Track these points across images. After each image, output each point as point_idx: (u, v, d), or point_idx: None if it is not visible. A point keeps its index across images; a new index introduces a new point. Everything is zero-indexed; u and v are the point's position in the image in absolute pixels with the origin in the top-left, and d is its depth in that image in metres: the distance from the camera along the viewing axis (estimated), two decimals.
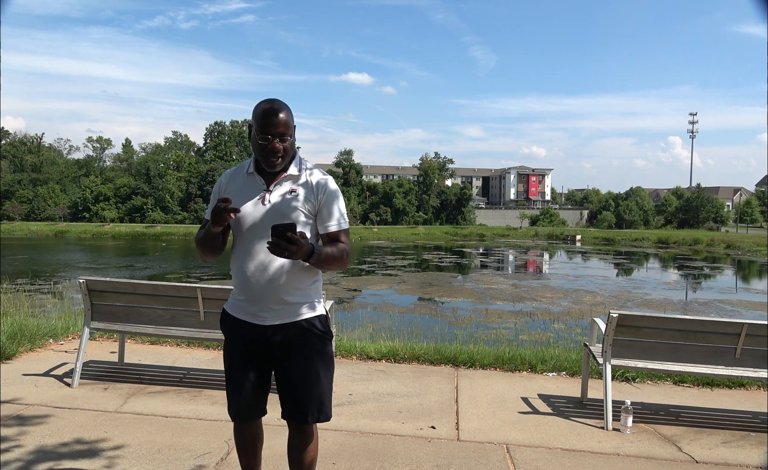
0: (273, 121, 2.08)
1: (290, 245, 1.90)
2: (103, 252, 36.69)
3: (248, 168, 2.22)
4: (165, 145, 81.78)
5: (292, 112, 2.16)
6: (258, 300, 2.16)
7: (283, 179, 2.18)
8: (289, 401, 2.23)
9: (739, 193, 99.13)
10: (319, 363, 2.21)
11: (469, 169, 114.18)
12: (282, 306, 2.15)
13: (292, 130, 2.14)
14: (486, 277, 23.73)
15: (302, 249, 1.93)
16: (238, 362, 2.23)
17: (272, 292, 2.14)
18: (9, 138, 78.10)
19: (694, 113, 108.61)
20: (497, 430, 3.79)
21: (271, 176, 2.18)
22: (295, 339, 2.18)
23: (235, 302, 2.25)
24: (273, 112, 2.09)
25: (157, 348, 5.62)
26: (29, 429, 3.49)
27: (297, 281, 2.16)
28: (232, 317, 2.24)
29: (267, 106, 2.10)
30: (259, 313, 2.17)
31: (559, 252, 42.85)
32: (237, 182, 2.23)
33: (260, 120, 2.10)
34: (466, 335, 8.87)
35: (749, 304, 16.87)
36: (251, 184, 2.19)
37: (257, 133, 2.11)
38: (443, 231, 65.59)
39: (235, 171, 2.28)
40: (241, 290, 2.21)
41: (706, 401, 4.60)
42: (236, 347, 2.24)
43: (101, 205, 71.12)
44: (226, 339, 2.30)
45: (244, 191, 2.18)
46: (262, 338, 2.18)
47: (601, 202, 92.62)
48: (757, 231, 65.70)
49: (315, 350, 2.21)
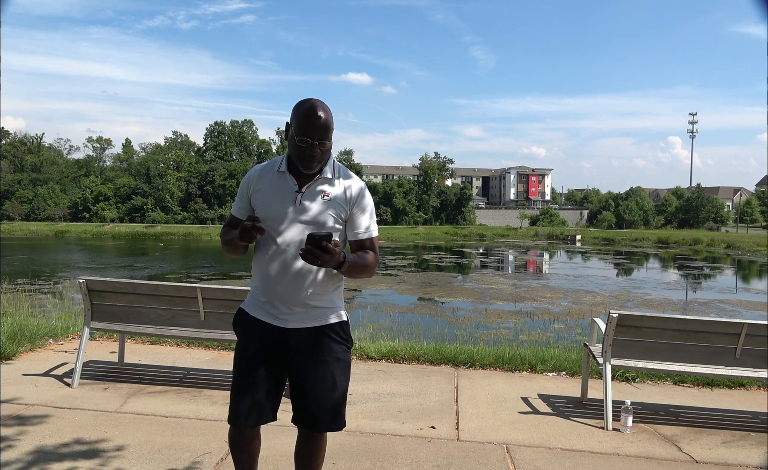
0: (315, 123, 2.00)
1: (324, 255, 1.85)
2: (103, 252, 36.69)
3: (280, 166, 2.14)
4: (165, 145, 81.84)
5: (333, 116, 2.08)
6: (280, 303, 2.10)
7: (315, 182, 2.11)
8: (304, 407, 2.15)
9: (739, 193, 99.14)
10: (337, 370, 2.15)
11: (469, 169, 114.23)
12: (305, 310, 2.11)
13: (331, 133, 2.07)
14: (486, 277, 23.73)
15: (335, 259, 1.89)
16: (254, 362, 2.13)
17: (296, 295, 2.08)
18: (9, 138, 78.15)
19: (694, 113, 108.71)
20: (497, 430, 3.79)
21: (303, 177, 2.11)
22: (315, 344, 2.12)
23: (256, 302, 2.17)
24: (315, 115, 2.01)
25: (157, 348, 5.62)
26: (29, 429, 3.49)
27: (321, 287, 2.11)
28: (251, 317, 2.17)
29: (310, 107, 2.02)
30: (281, 316, 2.11)
31: (559, 252, 42.86)
32: (267, 179, 2.15)
33: (301, 120, 2.01)
34: (466, 335, 8.87)
35: (749, 304, 16.87)
36: (282, 183, 2.12)
37: (296, 133, 2.02)
38: (443, 231, 65.62)
39: (266, 167, 2.20)
40: (263, 291, 2.14)
41: (706, 401, 4.60)
42: (253, 347, 2.15)
43: (101, 205, 71.16)
44: (241, 338, 2.21)
45: (274, 190, 2.11)
46: (281, 341, 2.11)
47: (601, 202, 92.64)
48: (757, 231, 65.72)
49: (335, 357, 2.14)
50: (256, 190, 2.15)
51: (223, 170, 73.40)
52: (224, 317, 4.42)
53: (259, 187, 2.15)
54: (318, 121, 2.00)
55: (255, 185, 2.16)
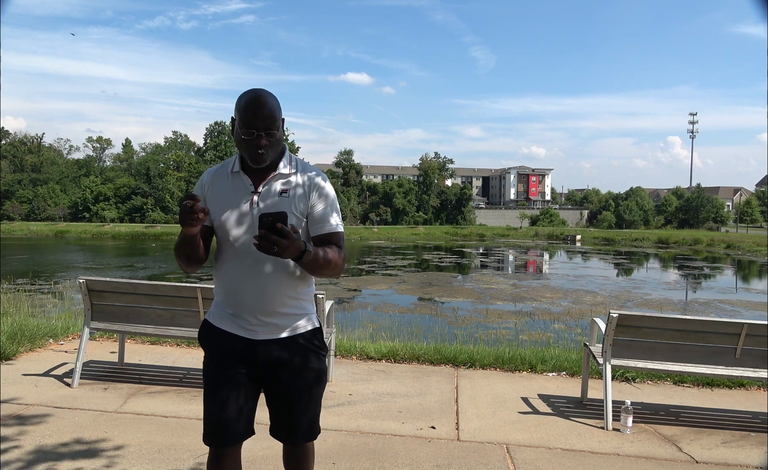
0: (257, 113, 1.87)
1: (281, 239, 1.67)
2: (103, 252, 36.68)
3: (233, 167, 2.00)
4: (165, 145, 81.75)
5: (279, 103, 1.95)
6: (248, 312, 1.95)
7: (272, 179, 1.97)
8: (280, 420, 2.06)
9: (739, 193, 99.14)
10: (313, 381, 2.03)
11: (469, 169, 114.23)
12: (274, 319, 1.96)
13: (279, 123, 1.92)
14: (486, 277, 23.73)
15: (294, 245, 1.71)
16: (225, 377, 1.99)
17: (263, 303, 1.94)
18: (9, 138, 78.11)
19: (694, 113, 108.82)
20: (497, 430, 3.79)
21: (258, 175, 1.97)
22: (288, 355, 1.98)
23: (222, 314, 2.02)
24: (257, 104, 1.88)
25: (157, 348, 5.62)
26: (29, 429, 3.49)
27: (290, 290, 1.97)
28: (218, 329, 2.02)
29: (251, 97, 1.89)
30: (250, 326, 1.96)
31: (559, 252, 42.85)
32: (221, 182, 2.01)
33: (244, 112, 1.88)
34: (466, 335, 8.87)
35: (749, 304, 16.87)
36: (237, 184, 1.98)
37: (240, 127, 1.89)
38: (443, 231, 65.59)
39: (219, 170, 2.05)
40: (228, 302, 1.99)
41: (706, 401, 4.60)
42: (222, 361, 2.00)
43: (101, 205, 71.14)
44: (209, 353, 2.06)
45: (229, 193, 1.98)
46: (252, 354, 1.97)
47: (601, 202, 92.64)
48: (757, 231, 65.70)
49: (310, 367, 2.02)
50: (209, 195, 2.01)
51: None
52: None
53: (212, 191, 2.01)
54: (262, 110, 1.88)
55: (208, 189, 2.02)
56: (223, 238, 1.98)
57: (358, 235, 56.37)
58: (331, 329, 4.78)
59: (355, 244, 47.31)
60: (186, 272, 2.02)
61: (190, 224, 1.80)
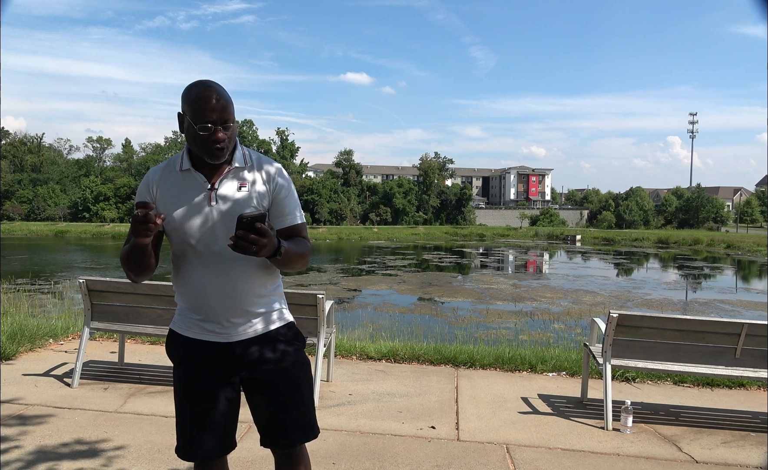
0: (212, 105, 1.74)
1: (260, 238, 1.59)
2: (103, 252, 36.68)
3: (181, 164, 1.86)
4: (165, 145, 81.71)
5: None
6: (217, 316, 1.84)
7: (227, 174, 1.84)
8: (269, 426, 1.92)
9: (739, 193, 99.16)
10: (296, 374, 1.92)
11: (469, 169, 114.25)
12: (245, 319, 1.86)
13: (233, 114, 1.80)
14: (486, 277, 23.73)
15: (271, 243, 1.64)
16: (201, 388, 1.87)
17: (233, 304, 1.83)
18: (9, 138, 78.16)
19: (694, 113, 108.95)
20: (497, 430, 3.79)
21: (212, 171, 1.84)
22: (266, 354, 1.88)
23: (188, 321, 1.89)
24: (211, 96, 1.74)
25: (157, 348, 5.62)
26: (29, 429, 3.49)
27: (259, 288, 1.87)
28: (187, 339, 1.89)
29: (203, 90, 1.76)
30: (221, 330, 1.85)
31: (559, 252, 42.86)
32: (170, 182, 1.86)
33: (197, 106, 1.74)
34: (466, 335, 8.87)
35: (749, 304, 16.87)
36: (190, 183, 1.84)
37: (194, 121, 1.75)
38: (443, 231, 65.64)
39: (165, 169, 1.90)
40: (194, 308, 1.87)
41: (706, 401, 4.60)
42: (195, 371, 1.88)
43: (101, 205, 71.19)
44: (179, 364, 1.93)
45: (181, 192, 1.84)
46: (227, 358, 1.86)
47: (601, 202, 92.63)
48: (757, 231, 65.70)
49: (290, 361, 1.91)
50: (159, 197, 1.86)
51: None
52: None
53: (162, 192, 1.86)
54: (216, 102, 1.75)
55: (156, 190, 1.87)
56: (180, 241, 1.85)
57: (358, 235, 56.38)
58: (331, 329, 4.78)
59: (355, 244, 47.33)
60: (135, 282, 1.91)
61: (144, 234, 1.69)
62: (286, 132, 79.43)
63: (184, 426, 1.91)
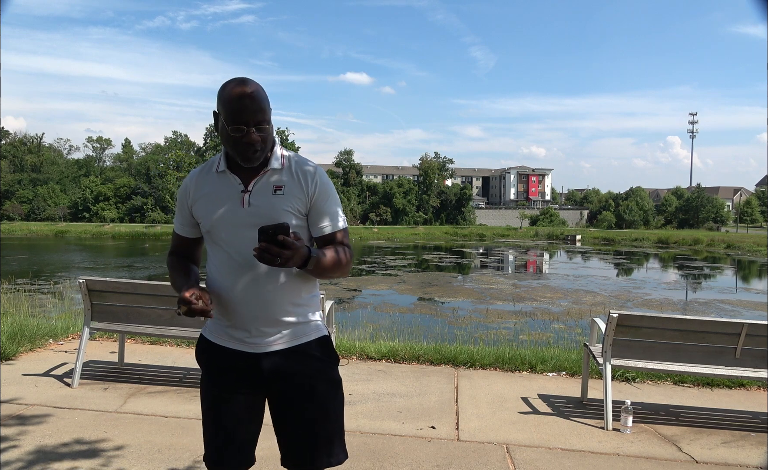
0: (247, 105, 1.66)
1: (283, 251, 1.54)
2: (103, 252, 36.68)
3: (218, 166, 1.81)
4: (165, 145, 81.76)
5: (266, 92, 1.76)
6: (247, 324, 1.76)
7: (263, 176, 1.77)
8: (293, 446, 1.82)
9: (739, 193, 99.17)
10: (326, 394, 1.82)
11: (469, 169, 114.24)
12: (277, 329, 1.78)
13: (269, 114, 1.73)
14: (486, 277, 23.73)
15: (298, 254, 1.58)
16: (225, 398, 1.82)
17: (264, 312, 1.75)
18: (9, 138, 78.21)
19: (694, 113, 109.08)
20: (497, 430, 3.79)
21: (248, 172, 1.77)
22: (295, 368, 1.79)
23: (217, 327, 1.84)
24: (246, 95, 1.67)
25: (157, 348, 5.62)
26: (29, 429, 3.49)
27: (293, 296, 1.78)
28: (215, 346, 1.83)
29: (238, 89, 1.68)
30: (250, 339, 1.77)
31: (559, 252, 42.85)
32: (207, 184, 1.82)
33: (230, 106, 1.67)
34: (466, 335, 8.88)
35: (749, 304, 16.87)
36: (225, 185, 1.78)
37: (227, 122, 1.68)
38: (443, 231, 65.62)
39: (202, 171, 1.86)
40: (225, 314, 1.80)
41: (706, 401, 4.60)
42: (222, 380, 1.83)
43: (101, 205, 71.22)
44: (207, 372, 1.88)
45: (216, 195, 1.78)
46: (254, 369, 1.78)
47: (601, 202, 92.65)
48: (757, 231, 65.71)
49: (320, 379, 1.81)
50: (196, 199, 1.83)
51: None
52: None
53: (198, 195, 1.82)
54: (250, 102, 1.67)
55: (194, 194, 1.83)
56: (213, 244, 1.81)
57: (358, 235, 56.34)
58: (331, 329, 4.78)
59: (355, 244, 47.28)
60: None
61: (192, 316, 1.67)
62: (286, 132, 79.26)
63: (208, 435, 1.88)
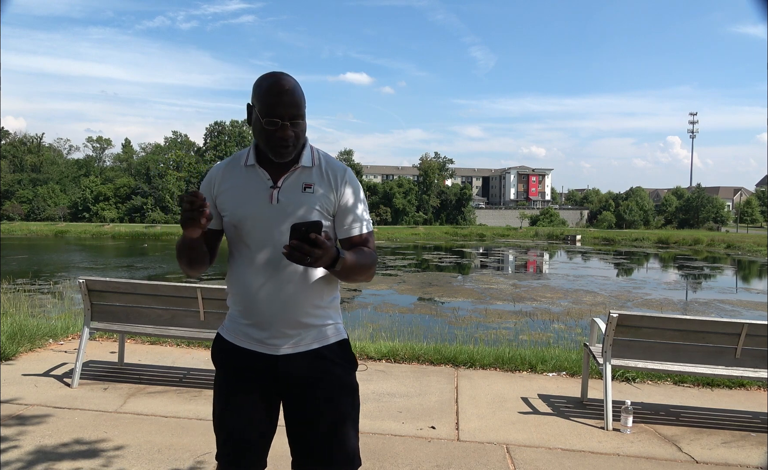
0: (283, 100, 1.64)
1: (315, 249, 1.49)
2: (103, 252, 36.69)
3: (246, 159, 1.77)
4: (165, 145, 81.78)
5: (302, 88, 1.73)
6: (268, 325, 1.73)
7: (293, 173, 1.74)
8: (306, 452, 1.78)
9: (739, 193, 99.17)
10: (344, 400, 1.78)
11: (469, 169, 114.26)
12: (297, 331, 1.74)
13: (304, 111, 1.71)
14: (486, 277, 23.73)
15: (328, 253, 1.53)
16: (241, 399, 1.77)
17: (286, 313, 1.72)
18: (9, 138, 78.24)
19: (695, 113, 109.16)
20: (497, 430, 3.79)
21: (277, 168, 1.74)
22: (313, 372, 1.76)
23: (236, 326, 1.80)
24: (283, 89, 1.65)
25: (157, 348, 5.62)
26: (29, 429, 3.49)
27: (315, 299, 1.76)
28: (233, 346, 1.79)
29: (275, 82, 1.66)
30: (269, 340, 1.74)
31: (559, 252, 42.85)
32: (234, 176, 1.78)
33: (267, 98, 1.65)
34: (466, 335, 8.87)
35: (749, 304, 16.86)
36: (253, 179, 1.74)
37: (262, 115, 1.66)
38: (443, 231, 65.63)
39: (230, 163, 1.82)
40: (245, 313, 1.77)
41: (706, 401, 4.60)
42: (238, 381, 1.78)
43: (101, 205, 71.26)
44: (222, 372, 1.83)
45: (244, 188, 1.75)
46: (272, 372, 1.75)
47: (601, 202, 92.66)
48: (757, 231, 65.71)
49: (338, 383, 1.78)
50: (221, 191, 1.78)
51: None
52: (224, 317, 4.41)
53: (224, 187, 1.78)
54: (287, 96, 1.65)
55: (219, 186, 1.79)
56: (237, 239, 1.77)
57: None
58: None
59: None
60: (188, 275, 1.82)
61: (193, 224, 1.58)
62: None
63: (222, 436, 1.81)
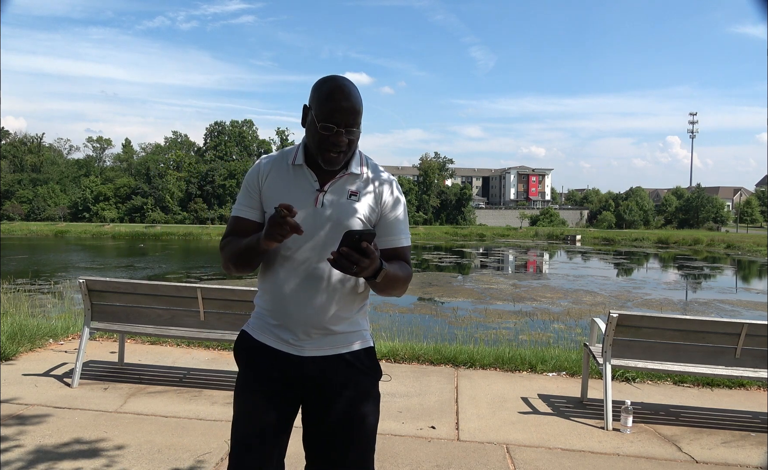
0: (342, 106, 1.62)
1: (364, 259, 1.47)
2: (103, 252, 36.69)
3: (294, 158, 1.74)
4: (165, 145, 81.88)
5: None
6: (296, 325, 1.71)
7: (340, 178, 1.72)
8: (321, 457, 1.78)
9: (739, 193, 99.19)
10: (365, 407, 1.77)
11: (469, 169, 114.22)
12: (325, 335, 1.73)
13: (360, 119, 1.69)
14: (486, 277, 23.73)
15: (374, 264, 1.52)
16: (262, 398, 1.74)
17: (316, 317, 1.70)
18: (9, 138, 78.25)
19: (694, 113, 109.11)
20: (497, 430, 3.79)
21: (325, 172, 1.71)
22: (337, 377, 1.74)
23: (264, 324, 1.77)
24: (343, 95, 1.63)
25: (157, 348, 5.62)
26: (29, 429, 3.49)
27: (347, 304, 1.74)
28: (260, 344, 1.75)
29: (336, 87, 1.64)
30: (296, 341, 1.72)
31: (559, 252, 42.86)
32: (281, 173, 1.74)
33: (325, 103, 1.62)
34: (466, 335, 8.87)
35: (749, 304, 16.86)
36: (299, 179, 1.72)
37: (318, 119, 1.63)
38: (443, 231, 65.67)
39: (278, 159, 1.78)
40: (274, 313, 1.74)
41: (706, 401, 4.60)
42: (261, 379, 1.75)
43: (101, 205, 71.29)
44: (245, 368, 1.79)
45: (289, 188, 1.71)
46: (296, 372, 1.72)
47: (601, 202, 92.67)
48: (757, 231, 65.72)
49: (361, 390, 1.77)
50: (266, 187, 1.75)
51: (223, 170, 73.62)
52: (224, 317, 4.42)
53: (271, 183, 1.75)
54: (346, 103, 1.63)
55: (266, 180, 1.75)
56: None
57: None
58: None
59: None
60: (230, 274, 1.80)
61: (277, 238, 1.55)
62: (286, 132, 79.45)
63: (240, 433, 1.77)
